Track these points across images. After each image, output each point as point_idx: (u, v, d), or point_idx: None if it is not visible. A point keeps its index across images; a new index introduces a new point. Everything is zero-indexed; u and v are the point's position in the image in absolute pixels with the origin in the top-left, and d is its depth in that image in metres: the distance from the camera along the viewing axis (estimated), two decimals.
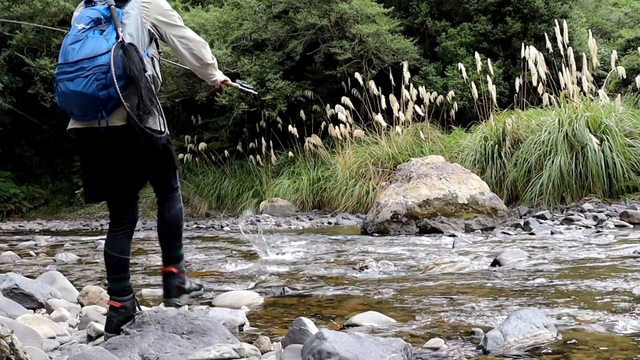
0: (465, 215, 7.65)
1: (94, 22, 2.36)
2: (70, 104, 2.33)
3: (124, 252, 2.55)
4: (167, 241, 2.68)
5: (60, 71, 2.33)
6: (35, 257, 6.18)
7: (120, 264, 2.54)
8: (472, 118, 12.03)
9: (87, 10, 2.41)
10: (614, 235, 5.80)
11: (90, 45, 2.30)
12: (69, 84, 2.28)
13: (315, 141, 13.65)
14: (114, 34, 2.32)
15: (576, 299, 3.04)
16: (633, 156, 8.66)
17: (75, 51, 2.30)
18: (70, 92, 2.29)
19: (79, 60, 2.28)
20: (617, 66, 9.92)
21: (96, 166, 2.48)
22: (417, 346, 2.30)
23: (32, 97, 17.95)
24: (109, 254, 2.54)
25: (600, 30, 17.97)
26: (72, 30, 2.36)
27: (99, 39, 2.31)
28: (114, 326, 2.43)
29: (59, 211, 19.18)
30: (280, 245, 6.47)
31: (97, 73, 2.26)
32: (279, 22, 14.79)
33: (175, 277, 2.64)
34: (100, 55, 2.27)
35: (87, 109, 2.31)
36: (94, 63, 2.26)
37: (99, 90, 2.26)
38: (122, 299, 2.49)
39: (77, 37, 2.33)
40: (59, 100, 2.35)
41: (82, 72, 2.27)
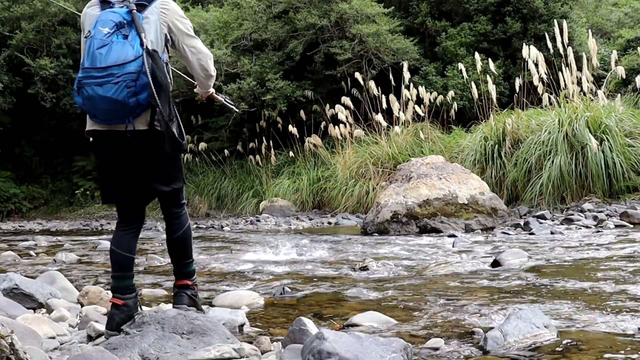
0: (465, 215, 7.65)
1: (116, 26, 2.37)
2: (97, 108, 2.35)
3: (131, 251, 2.59)
4: (179, 259, 2.73)
5: (86, 75, 2.34)
6: (35, 257, 6.18)
7: (126, 262, 2.57)
8: (472, 118, 12.03)
9: (109, 13, 2.40)
10: (614, 235, 5.80)
11: (117, 51, 2.31)
12: (98, 88, 2.30)
13: (315, 141, 13.66)
14: (137, 40, 2.34)
15: (576, 299, 3.04)
16: (633, 156, 8.66)
17: (102, 56, 2.31)
18: (99, 97, 2.31)
19: (108, 67, 2.29)
20: (617, 66, 9.92)
21: (115, 168, 2.51)
22: (417, 346, 2.30)
23: (32, 97, 17.95)
24: (116, 251, 2.56)
25: (600, 30, 17.97)
26: (97, 34, 2.35)
27: (125, 44, 2.33)
28: (116, 324, 2.44)
29: (59, 211, 19.18)
30: (280, 245, 6.48)
31: (127, 80, 2.29)
32: (279, 22, 14.79)
33: (189, 288, 2.69)
34: (129, 62, 2.30)
35: (114, 114, 2.35)
36: (124, 70, 2.29)
37: (129, 97, 2.30)
38: (125, 297, 2.51)
39: (104, 42, 2.33)
40: (83, 103, 2.37)
41: (112, 78, 2.29)
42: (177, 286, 2.71)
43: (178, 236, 2.68)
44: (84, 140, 9.98)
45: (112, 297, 2.54)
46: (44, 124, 19.61)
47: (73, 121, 19.00)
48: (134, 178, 2.51)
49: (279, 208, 12.43)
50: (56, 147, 20.18)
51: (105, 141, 2.48)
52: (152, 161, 2.49)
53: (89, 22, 2.48)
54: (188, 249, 2.72)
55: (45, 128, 19.81)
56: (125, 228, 2.61)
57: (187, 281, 2.70)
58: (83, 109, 2.42)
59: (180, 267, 2.72)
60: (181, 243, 2.70)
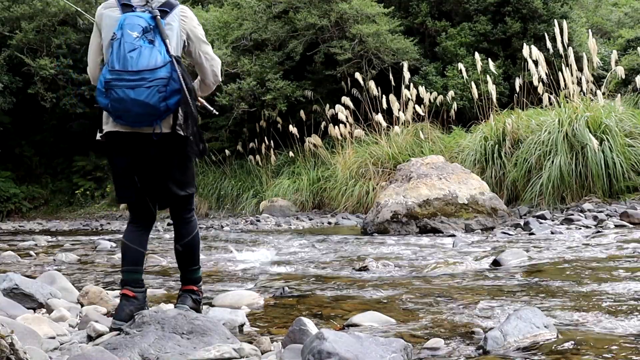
0: (465, 215, 7.65)
1: (143, 31, 2.41)
2: (127, 111, 2.39)
3: (142, 246, 2.65)
4: (186, 265, 2.74)
5: (118, 77, 2.36)
6: (35, 257, 6.18)
7: (138, 256, 2.62)
8: (472, 118, 12.03)
9: (135, 17, 2.44)
10: (614, 236, 5.80)
11: (147, 55, 2.37)
12: (130, 91, 2.35)
13: (315, 141, 13.66)
14: (163, 46, 2.41)
15: (576, 299, 3.04)
16: (633, 156, 8.66)
17: (134, 60, 2.36)
18: (131, 100, 2.35)
19: (140, 70, 2.35)
20: (617, 66, 9.92)
21: (134, 169, 2.56)
22: (417, 346, 2.30)
23: (32, 97, 17.95)
24: (128, 245, 2.61)
25: (600, 30, 17.97)
26: (127, 38, 2.39)
27: (153, 49, 2.39)
28: (125, 314, 2.47)
29: (59, 211, 19.18)
30: (280, 245, 6.48)
31: (158, 85, 2.36)
32: (279, 22, 14.79)
33: (194, 293, 2.72)
34: (160, 67, 2.37)
35: (144, 117, 2.41)
36: (155, 75, 2.36)
37: (160, 102, 2.37)
38: (136, 290, 2.56)
39: (134, 46, 2.38)
40: (112, 105, 2.40)
41: (144, 82, 2.35)
42: (182, 290, 2.74)
43: (187, 242, 2.71)
44: (84, 140, 10.11)
45: (122, 289, 2.58)
46: (44, 124, 19.61)
47: (73, 121, 19.01)
48: (150, 180, 2.57)
49: (279, 208, 12.44)
50: (56, 147, 20.18)
51: (128, 143, 2.52)
52: (170, 164, 2.56)
53: (109, 23, 2.51)
54: (196, 256, 2.74)
55: (45, 128, 19.80)
56: (138, 226, 2.67)
57: (193, 287, 2.73)
58: (108, 110, 2.45)
59: (187, 273, 2.74)
60: (189, 249, 2.72)
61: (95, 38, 2.61)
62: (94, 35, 2.61)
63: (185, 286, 2.73)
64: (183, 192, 2.63)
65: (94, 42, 2.62)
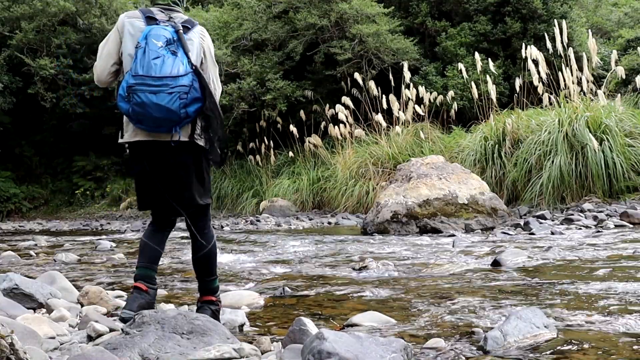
0: (465, 215, 7.65)
1: (167, 42, 2.50)
2: (148, 115, 2.44)
3: (161, 246, 2.70)
4: (204, 276, 2.76)
5: (141, 82, 2.43)
6: (35, 257, 6.18)
7: (155, 255, 2.67)
8: (472, 118, 12.03)
9: (160, 29, 2.53)
10: (614, 236, 5.80)
11: (170, 64, 2.45)
12: (152, 96, 2.42)
13: (315, 141, 13.66)
14: (185, 57, 2.50)
15: (576, 299, 3.04)
16: (633, 156, 8.67)
17: (158, 67, 2.44)
18: (153, 105, 2.42)
19: (163, 77, 2.43)
20: (617, 66, 9.92)
21: (155, 177, 2.61)
22: (417, 346, 2.30)
23: (32, 97, 17.94)
24: (147, 243, 2.67)
25: (600, 30, 17.98)
26: (152, 46, 2.47)
27: (176, 59, 2.47)
28: (137, 306, 2.50)
29: (59, 211, 19.17)
30: (280, 245, 6.48)
31: (180, 92, 2.43)
32: (279, 22, 14.79)
33: (213, 304, 2.74)
34: (182, 76, 2.45)
35: (164, 122, 2.47)
36: (178, 82, 2.43)
37: (180, 108, 2.44)
38: (149, 285, 2.60)
39: (158, 54, 2.46)
40: (133, 110, 2.45)
41: (167, 88, 2.42)
42: (201, 301, 2.76)
43: (204, 253, 2.73)
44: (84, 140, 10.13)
45: (135, 282, 2.60)
46: (44, 124, 19.60)
47: (73, 121, 19.01)
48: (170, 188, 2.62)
49: (279, 208, 12.43)
50: (56, 147, 20.17)
51: (148, 151, 2.57)
52: (187, 173, 2.61)
53: (132, 32, 2.59)
54: (213, 266, 2.76)
55: (45, 128, 19.80)
56: (157, 228, 2.73)
57: (211, 297, 2.74)
58: (129, 115, 2.49)
59: (205, 283, 2.76)
60: (207, 260, 2.74)
61: (114, 43, 2.66)
62: (113, 40, 2.66)
63: (204, 297, 2.75)
64: (200, 201, 2.67)
65: (110, 45, 2.67)
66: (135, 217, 16.13)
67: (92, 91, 17.94)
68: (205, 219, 2.74)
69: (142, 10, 2.66)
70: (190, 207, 2.66)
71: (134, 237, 9.19)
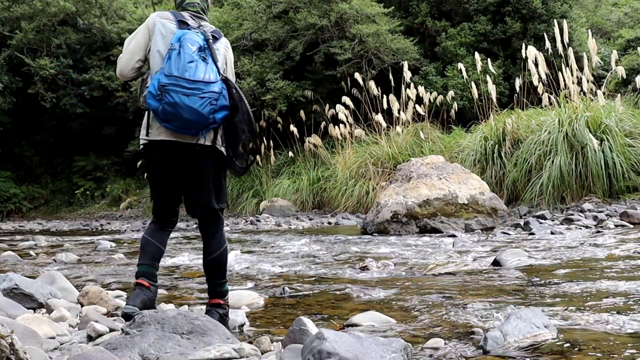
0: (465, 215, 7.65)
1: (199, 48, 2.56)
2: (178, 116, 2.48)
3: (163, 244, 2.72)
4: (214, 279, 2.77)
5: (174, 82, 2.47)
6: (35, 257, 6.18)
7: (157, 252, 2.69)
8: (472, 118, 12.03)
9: (194, 34, 2.59)
10: (613, 236, 5.80)
11: (202, 69, 2.51)
12: (184, 98, 2.47)
13: (315, 141, 13.66)
14: (214, 66, 2.56)
15: (576, 299, 3.04)
16: (633, 156, 8.66)
17: (192, 70, 2.49)
18: (185, 106, 2.47)
19: (197, 81, 2.48)
20: (617, 66, 9.92)
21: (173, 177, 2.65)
22: (417, 346, 2.30)
23: (32, 97, 17.94)
24: (149, 240, 2.68)
25: (600, 30, 17.98)
26: (187, 50, 2.52)
27: (207, 66, 2.54)
28: (140, 301, 2.51)
29: (59, 211, 19.17)
30: (280, 245, 6.48)
31: (211, 98, 2.50)
32: (279, 22, 14.79)
33: (221, 307, 2.74)
34: (213, 82, 2.51)
35: (192, 125, 2.51)
36: (210, 88, 2.50)
37: (210, 113, 2.50)
38: (151, 282, 2.62)
39: (192, 58, 2.52)
40: (164, 109, 2.48)
41: (199, 92, 2.48)
42: (209, 304, 2.76)
43: (216, 256, 2.74)
44: (84, 140, 10.10)
45: (137, 279, 2.62)
46: (44, 124, 19.61)
47: (73, 121, 19.01)
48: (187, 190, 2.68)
49: (279, 208, 12.43)
50: (56, 147, 20.17)
51: (169, 151, 2.60)
52: (206, 176, 2.65)
53: (164, 32, 2.63)
54: (223, 270, 2.77)
55: (45, 128, 19.80)
56: (159, 227, 2.75)
57: (220, 300, 2.74)
58: (157, 114, 2.52)
59: (215, 286, 2.76)
60: (218, 263, 2.75)
61: (142, 38, 2.68)
62: (142, 35, 2.69)
63: (212, 299, 2.75)
64: (216, 205, 2.71)
65: (138, 40, 2.69)
66: (135, 217, 16.14)
67: (92, 91, 17.95)
68: (218, 223, 2.75)
69: (174, 13, 2.71)
70: (206, 210, 2.70)
71: (134, 237, 9.19)
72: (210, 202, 2.68)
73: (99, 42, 18.74)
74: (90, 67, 18.18)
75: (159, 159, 2.64)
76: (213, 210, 2.70)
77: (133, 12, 19.62)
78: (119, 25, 18.73)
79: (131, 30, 18.58)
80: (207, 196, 2.67)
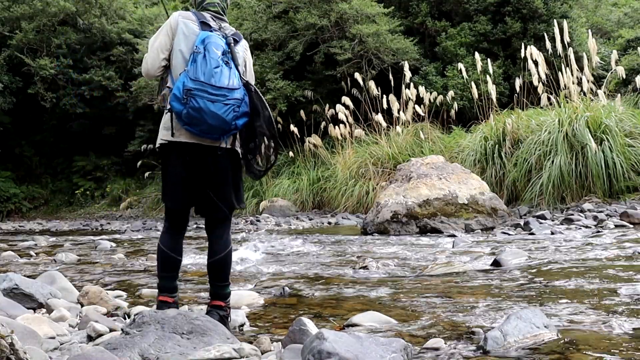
0: (465, 215, 7.65)
1: (222, 52, 2.55)
2: (202, 121, 2.49)
3: (181, 254, 2.75)
4: (216, 280, 2.76)
5: (200, 88, 2.47)
6: (35, 257, 6.18)
7: (177, 264, 2.71)
8: (472, 118, 12.03)
9: (217, 38, 2.59)
10: (613, 236, 5.80)
11: (227, 75, 2.52)
12: (210, 104, 2.47)
13: (315, 141, 13.66)
14: (236, 71, 2.57)
15: (576, 299, 3.04)
16: (633, 156, 8.66)
17: (218, 76, 2.50)
18: (210, 112, 2.47)
19: (222, 87, 2.49)
20: (617, 66, 9.92)
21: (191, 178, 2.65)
22: (417, 346, 2.30)
23: (32, 97, 17.94)
24: (169, 254, 2.68)
25: (600, 30, 17.98)
26: (213, 54, 2.52)
27: (231, 71, 2.54)
28: None
29: (59, 211, 19.18)
30: (280, 245, 6.48)
31: (234, 105, 2.51)
32: (279, 22, 14.79)
33: (222, 309, 2.72)
34: (236, 89, 2.52)
35: (215, 130, 2.53)
36: (233, 95, 2.51)
37: (232, 120, 2.52)
38: (173, 296, 2.65)
39: (218, 63, 2.52)
40: (188, 112, 2.48)
41: (223, 99, 2.49)
42: (210, 305, 2.75)
43: (221, 257, 2.73)
44: (84, 140, 10.07)
45: (160, 295, 2.66)
46: (44, 124, 19.61)
47: (73, 121, 19.01)
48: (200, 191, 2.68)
49: (279, 208, 12.43)
50: (56, 147, 20.18)
51: (189, 153, 2.60)
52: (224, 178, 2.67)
53: (187, 33, 2.63)
54: (227, 272, 2.76)
55: (45, 128, 19.81)
56: (175, 233, 2.74)
57: (221, 302, 2.73)
58: (180, 117, 2.52)
59: (217, 288, 2.75)
60: (222, 265, 2.74)
61: (166, 37, 2.68)
62: (165, 34, 2.69)
63: (213, 301, 2.74)
64: (236, 204, 2.73)
65: (162, 40, 2.69)
66: (135, 217, 16.14)
67: (92, 91, 17.96)
68: (226, 225, 2.76)
69: (196, 14, 2.70)
70: (217, 212, 2.71)
71: (134, 237, 9.20)
72: (229, 202, 2.70)
73: (99, 42, 18.75)
74: (90, 67, 18.19)
75: (178, 160, 2.63)
76: (224, 212, 2.72)
77: (133, 12, 19.63)
78: (119, 25, 18.75)
79: (131, 30, 18.65)
80: (226, 196, 2.68)
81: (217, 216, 2.73)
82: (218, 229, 2.74)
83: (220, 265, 2.73)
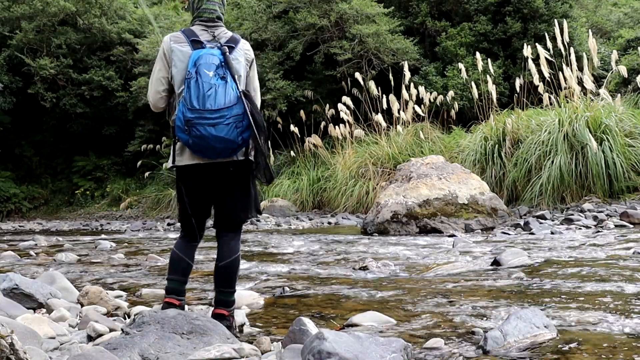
0: (465, 215, 7.65)
1: (217, 67, 2.52)
2: (209, 147, 2.50)
3: (192, 259, 2.76)
4: (222, 286, 2.73)
5: (199, 116, 2.46)
6: (35, 257, 6.18)
7: (188, 269, 2.73)
8: (472, 118, 12.03)
9: (209, 55, 2.54)
10: (613, 236, 5.80)
11: (222, 94, 2.49)
12: (211, 129, 2.46)
13: (315, 141, 13.66)
14: (233, 83, 2.53)
15: (576, 299, 3.04)
16: (633, 156, 8.66)
17: (212, 98, 2.47)
18: (213, 137, 2.47)
19: (220, 109, 2.47)
20: (618, 66, 9.92)
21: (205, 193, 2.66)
22: (417, 346, 2.30)
23: (32, 97, 17.94)
24: (181, 257, 2.71)
25: (600, 30, 17.98)
26: (204, 77, 2.49)
27: (227, 86, 2.51)
28: None
29: (59, 211, 19.18)
30: (280, 245, 6.47)
31: (236, 122, 2.49)
32: (279, 22, 14.79)
33: (225, 319, 2.68)
34: (235, 105, 2.49)
35: (224, 152, 2.53)
36: (232, 112, 2.48)
37: (237, 136, 2.50)
38: (180, 299, 2.66)
39: (211, 85, 2.49)
40: (193, 142, 2.48)
41: (224, 119, 2.47)
42: (213, 314, 2.71)
43: (227, 263, 2.70)
44: (84, 140, 10.10)
45: (167, 297, 2.66)
46: (44, 124, 19.61)
47: (73, 121, 19.02)
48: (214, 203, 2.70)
49: (279, 208, 12.43)
50: (56, 147, 20.18)
51: (204, 172, 2.61)
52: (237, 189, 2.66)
53: (181, 58, 2.60)
54: (233, 278, 2.73)
55: (45, 128, 19.81)
56: (188, 240, 2.76)
57: (224, 311, 2.68)
58: (189, 146, 2.53)
59: (221, 294, 2.72)
60: (229, 271, 2.71)
61: (162, 70, 2.67)
62: (161, 67, 2.67)
63: (217, 309, 2.69)
64: (244, 215, 2.74)
65: (159, 73, 2.67)
66: (135, 217, 16.14)
67: (92, 91, 17.97)
68: (237, 231, 2.76)
69: (185, 32, 2.66)
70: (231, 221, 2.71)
71: (134, 237, 9.20)
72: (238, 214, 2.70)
73: (99, 42, 18.75)
74: (90, 67, 18.19)
75: (191, 179, 2.64)
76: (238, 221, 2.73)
77: (133, 12, 19.63)
78: (119, 25, 18.74)
79: (131, 30, 18.67)
80: (235, 208, 2.68)
81: (229, 225, 2.73)
82: (228, 235, 2.73)
83: (226, 271, 2.70)
